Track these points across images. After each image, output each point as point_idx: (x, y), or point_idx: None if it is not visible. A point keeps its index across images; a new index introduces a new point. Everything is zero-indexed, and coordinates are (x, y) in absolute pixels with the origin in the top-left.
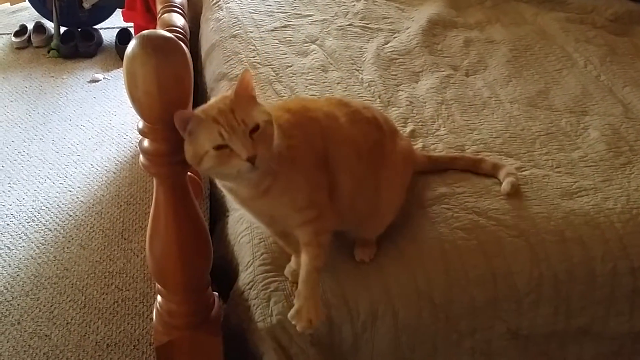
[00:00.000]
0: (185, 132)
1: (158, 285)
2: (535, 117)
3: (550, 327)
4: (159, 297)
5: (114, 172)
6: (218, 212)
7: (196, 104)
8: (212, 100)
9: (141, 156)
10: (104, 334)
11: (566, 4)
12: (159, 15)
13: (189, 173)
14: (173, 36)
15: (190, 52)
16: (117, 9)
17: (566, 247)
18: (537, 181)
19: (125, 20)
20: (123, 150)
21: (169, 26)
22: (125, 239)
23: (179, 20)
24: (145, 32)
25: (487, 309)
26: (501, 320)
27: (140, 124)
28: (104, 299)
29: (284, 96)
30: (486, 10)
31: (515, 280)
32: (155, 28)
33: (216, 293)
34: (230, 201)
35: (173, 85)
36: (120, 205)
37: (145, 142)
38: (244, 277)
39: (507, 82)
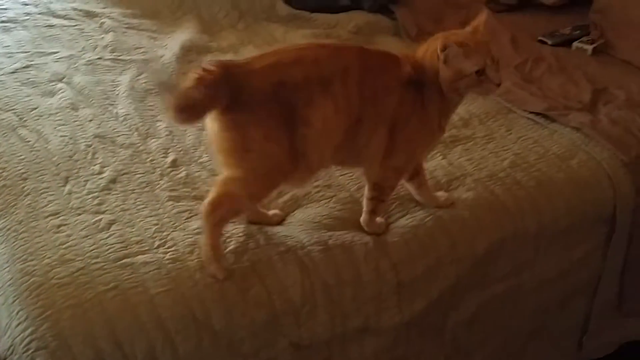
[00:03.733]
0: (442, 55)
1: None
2: None
3: (329, 333)
4: None
5: None
6: None
7: None
8: (459, 32)
9: None
10: None
11: (312, 21)
12: None
13: None
14: None
15: None
16: None
17: (331, 254)
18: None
19: None
20: None
21: None
22: None
23: None
24: None
25: (268, 327)
26: (282, 335)
27: None
28: None
29: (30, 141)
30: (239, 32)
31: (290, 294)
32: None
33: None
34: None
35: None
36: None
37: None
38: (3, 343)
39: None
